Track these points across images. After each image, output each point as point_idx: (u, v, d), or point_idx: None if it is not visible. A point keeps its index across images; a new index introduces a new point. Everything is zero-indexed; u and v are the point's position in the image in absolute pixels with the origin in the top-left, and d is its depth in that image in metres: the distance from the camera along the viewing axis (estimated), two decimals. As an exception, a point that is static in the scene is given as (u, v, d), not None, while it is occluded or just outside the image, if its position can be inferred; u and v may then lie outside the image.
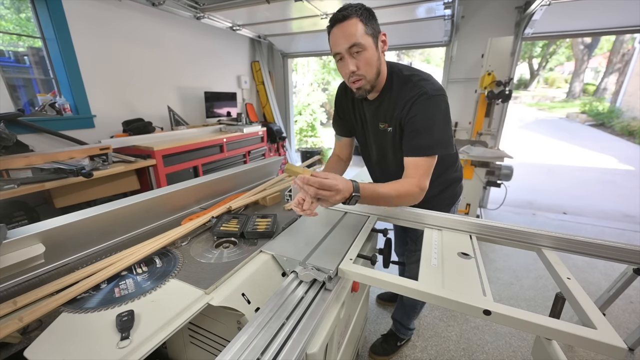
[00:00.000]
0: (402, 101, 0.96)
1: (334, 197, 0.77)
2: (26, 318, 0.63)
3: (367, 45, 0.88)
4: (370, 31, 0.89)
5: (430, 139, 0.93)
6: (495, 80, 2.80)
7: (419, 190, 0.93)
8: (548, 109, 15.25)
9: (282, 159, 2.11)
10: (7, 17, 2.24)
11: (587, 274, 2.28)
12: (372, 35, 0.89)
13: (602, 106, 11.71)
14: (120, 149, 2.31)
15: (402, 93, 0.97)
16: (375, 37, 0.91)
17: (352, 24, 0.86)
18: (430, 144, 0.93)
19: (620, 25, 2.98)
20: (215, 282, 0.77)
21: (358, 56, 0.90)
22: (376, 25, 0.91)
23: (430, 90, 0.92)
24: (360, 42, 0.87)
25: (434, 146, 0.93)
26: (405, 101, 0.95)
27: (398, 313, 1.55)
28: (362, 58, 0.90)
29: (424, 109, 0.92)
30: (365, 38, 0.88)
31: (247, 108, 4.25)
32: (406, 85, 0.97)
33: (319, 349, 0.68)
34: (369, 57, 0.90)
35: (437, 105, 0.92)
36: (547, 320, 0.61)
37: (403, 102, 0.96)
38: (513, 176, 2.74)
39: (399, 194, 0.91)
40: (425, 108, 0.92)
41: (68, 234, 0.89)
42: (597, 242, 0.89)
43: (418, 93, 0.92)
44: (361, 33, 0.87)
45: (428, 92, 0.92)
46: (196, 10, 2.93)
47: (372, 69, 0.93)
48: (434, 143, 0.93)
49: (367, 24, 0.88)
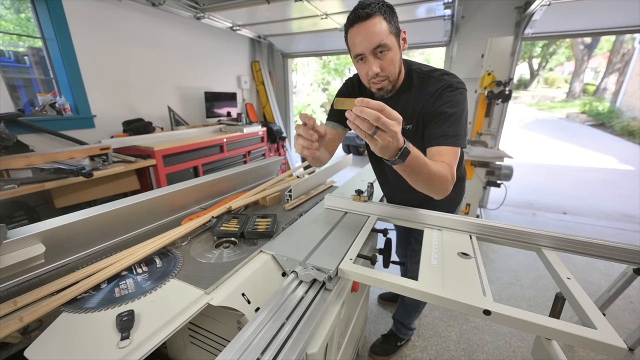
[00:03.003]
0: (425, 95, 0.93)
1: (395, 127, 0.63)
2: (26, 318, 0.63)
3: (391, 45, 0.85)
4: (394, 30, 0.85)
5: (458, 129, 0.89)
6: (495, 80, 2.80)
7: (451, 179, 0.84)
8: (548, 109, 15.26)
9: (282, 159, 2.11)
10: (7, 17, 2.24)
11: (587, 274, 2.28)
12: (395, 34, 0.86)
13: (602, 106, 11.71)
14: (121, 149, 2.31)
15: (424, 88, 0.95)
16: (398, 36, 0.87)
17: (377, 23, 0.81)
18: (457, 133, 0.89)
19: (620, 25, 2.98)
20: (215, 282, 0.77)
21: (382, 56, 0.86)
22: (397, 22, 0.87)
23: (455, 83, 0.91)
24: (386, 42, 0.83)
25: (461, 136, 0.90)
26: (431, 94, 0.92)
27: (399, 313, 1.55)
28: (387, 59, 0.86)
29: (452, 99, 0.90)
30: (390, 38, 0.84)
31: (247, 108, 4.25)
32: (429, 81, 0.94)
33: (319, 349, 0.68)
34: (393, 57, 0.87)
35: (462, 97, 0.91)
36: (547, 320, 0.61)
37: (428, 95, 0.93)
38: (513, 176, 2.75)
39: (438, 172, 0.80)
40: (452, 98, 0.90)
41: (68, 234, 0.89)
42: (597, 242, 0.89)
43: (443, 85, 0.91)
44: (386, 33, 0.83)
45: (453, 84, 0.90)
46: (196, 11, 2.94)
47: (396, 69, 0.91)
48: (461, 133, 0.90)
49: (390, 22, 0.83)
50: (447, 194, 0.86)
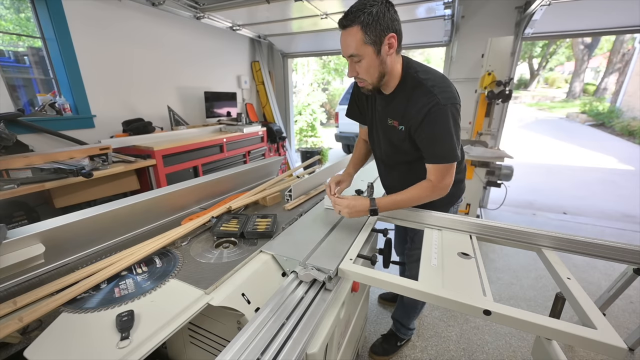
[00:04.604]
0: (414, 107, 0.96)
1: (343, 210, 1.03)
2: (26, 318, 0.63)
3: (364, 55, 0.90)
4: (371, 39, 0.87)
5: (445, 149, 0.95)
6: (495, 80, 2.79)
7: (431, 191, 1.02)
8: (548, 109, 15.24)
9: (282, 159, 2.11)
10: (7, 17, 2.24)
11: (587, 274, 2.28)
12: (373, 43, 0.88)
13: (602, 106, 11.70)
14: (120, 149, 2.31)
15: (414, 97, 0.97)
16: (378, 44, 0.88)
17: (352, 34, 0.87)
18: (443, 154, 0.96)
19: (621, 25, 2.98)
20: (215, 282, 0.77)
21: (357, 64, 0.93)
22: (382, 29, 0.87)
23: (442, 100, 0.91)
24: (358, 53, 0.89)
25: (447, 154, 0.96)
26: (418, 109, 0.95)
27: (398, 313, 1.55)
28: (360, 66, 0.93)
29: (437, 119, 0.93)
30: (363, 48, 0.88)
31: (247, 108, 4.25)
32: (419, 90, 0.96)
33: (319, 349, 0.68)
34: (366, 66, 0.92)
35: (449, 115, 0.92)
36: (547, 320, 0.61)
37: (415, 109, 0.96)
38: (513, 176, 2.74)
39: (415, 196, 1.03)
40: (438, 118, 0.93)
41: (68, 234, 0.89)
42: (597, 242, 0.89)
43: (431, 103, 0.92)
44: (359, 44, 0.88)
45: (440, 101, 0.91)
46: (196, 10, 2.93)
47: (372, 74, 0.95)
48: (448, 150, 0.95)
49: (367, 33, 0.86)
50: (435, 198, 1.04)
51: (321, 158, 5.48)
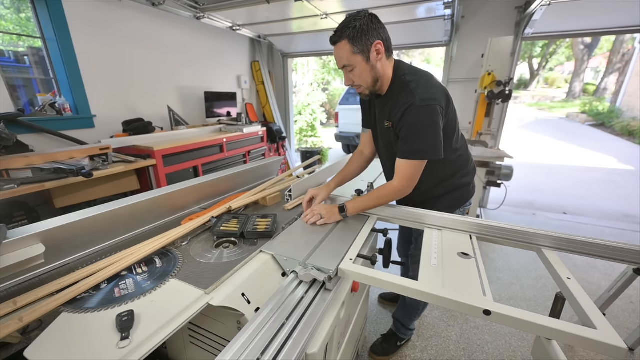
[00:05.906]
0: (396, 107, 1.04)
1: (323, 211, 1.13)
2: (26, 318, 0.63)
3: (355, 64, 1.00)
4: (359, 49, 0.97)
5: (413, 145, 1.00)
6: (495, 80, 2.79)
7: (398, 190, 1.08)
8: (548, 109, 15.24)
9: (282, 159, 2.11)
10: (7, 17, 2.24)
11: (587, 274, 2.28)
12: (362, 52, 0.98)
13: (602, 106, 11.69)
14: (120, 149, 2.31)
15: (399, 98, 1.04)
16: (366, 52, 0.98)
17: (341, 48, 0.98)
18: (411, 150, 1.01)
19: (621, 25, 2.98)
20: (215, 282, 0.77)
21: (351, 72, 1.03)
22: (367, 39, 0.96)
23: (419, 101, 0.97)
24: (350, 63, 1.00)
25: (415, 152, 1.01)
26: (398, 109, 1.02)
27: (399, 313, 1.55)
28: (354, 74, 1.03)
29: (411, 118, 0.99)
30: (354, 58, 0.99)
31: (247, 108, 4.25)
32: (403, 91, 1.03)
33: (319, 349, 0.68)
34: (359, 72, 1.02)
35: (424, 115, 0.98)
36: (547, 320, 0.61)
37: (397, 109, 1.03)
38: (513, 176, 2.74)
39: (383, 195, 1.11)
40: (412, 117, 0.99)
41: (68, 234, 0.89)
42: (597, 242, 0.89)
43: (409, 103, 0.99)
44: (349, 55, 0.98)
45: (416, 102, 0.97)
46: (196, 10, 2.93)
47: (367, 79, 1.04)
48: (416, 149, 1.00)
49: (354, 44, 0.96)
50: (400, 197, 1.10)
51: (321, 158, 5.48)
